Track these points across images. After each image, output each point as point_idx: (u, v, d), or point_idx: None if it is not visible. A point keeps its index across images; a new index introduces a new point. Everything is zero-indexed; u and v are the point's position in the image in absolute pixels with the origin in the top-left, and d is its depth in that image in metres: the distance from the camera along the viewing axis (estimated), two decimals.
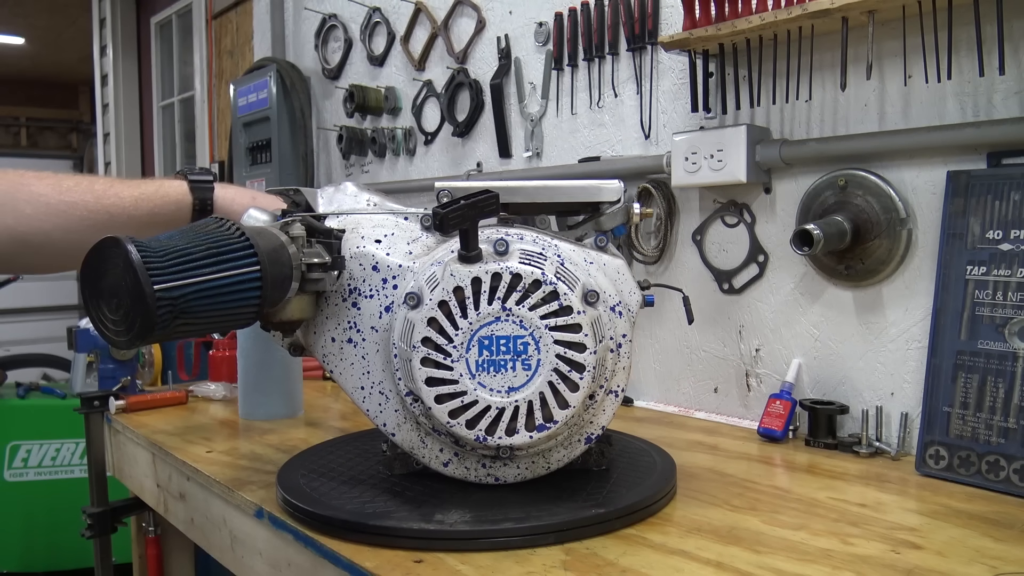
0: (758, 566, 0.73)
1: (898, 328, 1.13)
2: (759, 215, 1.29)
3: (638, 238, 1.47)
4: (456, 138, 1.88)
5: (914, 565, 0.73)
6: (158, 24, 3.67)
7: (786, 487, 0.96)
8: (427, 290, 0.79)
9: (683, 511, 0.87)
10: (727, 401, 1.35)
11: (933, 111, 1.08)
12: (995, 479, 0.94)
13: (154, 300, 0.64)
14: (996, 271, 0.98)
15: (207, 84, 3.19)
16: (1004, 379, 0.95)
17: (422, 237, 0.87)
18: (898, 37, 1.08)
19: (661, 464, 0.96)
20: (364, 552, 0.76)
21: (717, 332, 1.36)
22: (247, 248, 0.71)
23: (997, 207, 0.99)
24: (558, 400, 0.79)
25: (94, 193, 0.97)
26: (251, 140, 2.49)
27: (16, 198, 0.92)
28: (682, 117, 1.38)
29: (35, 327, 5.62)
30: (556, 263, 0.81)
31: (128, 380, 1.58)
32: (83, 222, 0.95)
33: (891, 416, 1.12)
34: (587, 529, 0.79)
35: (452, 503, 0.82)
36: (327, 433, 1.24)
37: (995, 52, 0.98)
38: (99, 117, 4.09)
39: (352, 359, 0.86)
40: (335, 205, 0.91)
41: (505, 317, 0.78)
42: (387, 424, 0.87)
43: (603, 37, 1.49)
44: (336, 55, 2.27)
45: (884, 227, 1.11)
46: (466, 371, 0.78)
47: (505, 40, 1.71)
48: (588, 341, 0.78)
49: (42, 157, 6.55)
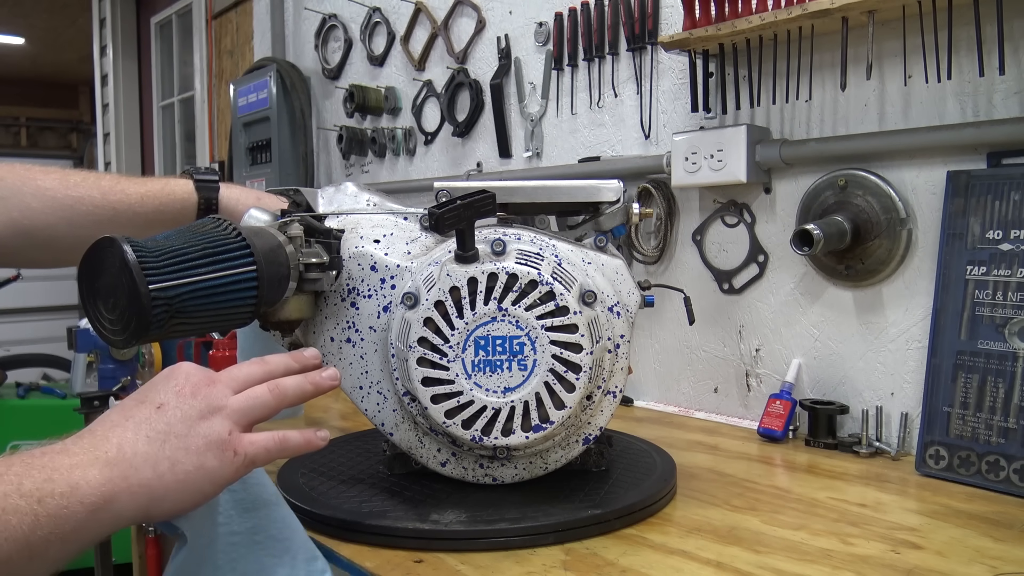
0: (758, 566, 0.73)
1: (898, 328, 1.12)
2: (759, 215, 1.29)
3: (638, 238, 1.46)
4: (456, 138, 1.87)
5: (914, 565, 0.73)
6: (158, 24, 3.67)
7: (786, 487, 0.96)
8: (424, 290, 0.79)
9: (683, 511, 0.87)
10: (727, 401, 1.34)
11: (933, 111, 1.07)
12: (995, 479, 0.94)
13: (149, 300, 0.64)
14: (996, 271, 0.97)
15: (207, 84, 3.19)
16: (1004, 379, 0.95)
17: (421, 237, 0.87)
18: (898, 37, 1.08)
19: (661, 464, 0.96)
20: (364, 552, 0.76)
21: (717, 332, 1.35)
22: (243, 248, 0.71)
23: (997, 207, 0.99)
24: (554, 401, 0.79)
25: (100, 189, 0.97)
26: (251, 140, 2.49)
27: (23, 192, 0.92)
28: (682, 117, 1.38)
29: (35, 327, 5.62)
30: (553, 263, 0.80)
31: (128, 380, 1.58)
32: (88, 217, 0.95)
33: (891, 416, 1.12)
34: (587, 529, 0.79)
35: (449, 503, 0.82)
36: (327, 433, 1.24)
37: (995, 52, 0.98)
38: (99, 117, 4.09)
39: (350, 359, 0.86)
40: (335, 205, 0.91)
41: (501, 317, 0.78)
42: (385, 424, 0.87)
43: (603, 37, 1.49)
44: (336, 55, 2.27)
45: (884, 227, 1.11)
46: (462, 371, 0.78)
47: (505, 40, 1.71)
48: (584, 342, 0.78)
49: (42, 157, 6.54)
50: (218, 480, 0.61)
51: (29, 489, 0.51)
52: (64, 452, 0.55)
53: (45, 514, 0.51)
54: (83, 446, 0.57)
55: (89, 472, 0.54)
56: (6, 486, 0.51)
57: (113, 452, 0.57)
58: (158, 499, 0.58)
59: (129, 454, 0.57)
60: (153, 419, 0.60)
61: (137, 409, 0.61)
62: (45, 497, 0.51)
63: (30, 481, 0.52)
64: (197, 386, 0.62)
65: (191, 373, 0.64)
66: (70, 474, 0.53)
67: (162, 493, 0.58)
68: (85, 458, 0.55)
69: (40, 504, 0.51)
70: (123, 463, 0.56)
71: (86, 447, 0.56)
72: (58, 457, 0.55)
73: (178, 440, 0.59)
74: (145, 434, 0.59)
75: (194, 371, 0.64)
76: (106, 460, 0.56)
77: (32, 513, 0.51)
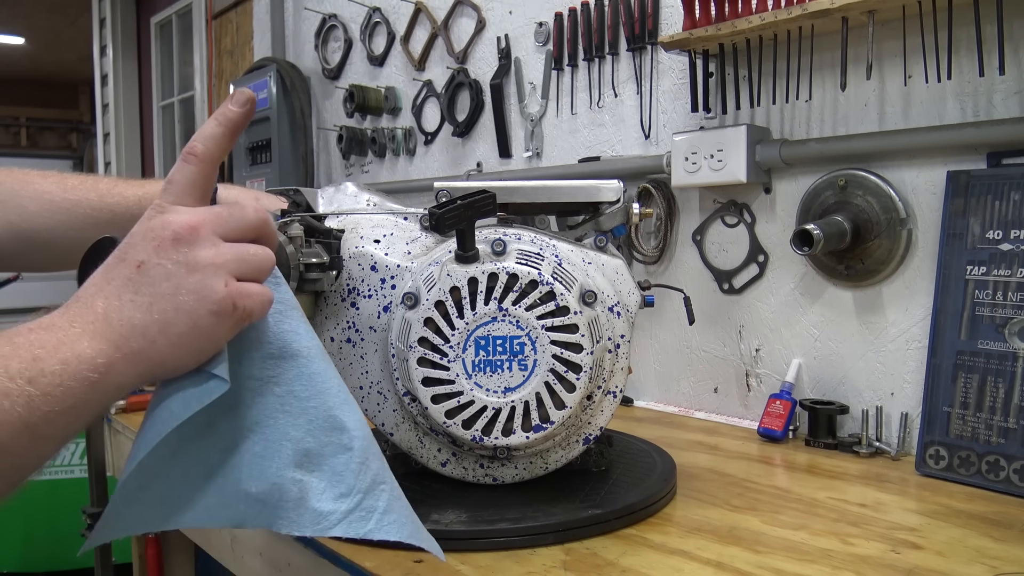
0: (758, 566, 0.73)
1: (898, 328, 1.12)
2: (759, 215, 1.29)
3: (638, 238, 1.46)
4: (456, 138, 1.88)
5: (914, 565, 0.73)
6: (158, 24, 3.66)
7: (786, 487, 0.96)
8: (424, 290, 0.79)
9: (683, 511, 0.87)
10: (727, 401, 1.34)
11: (933, 111, 1.08)
12: (995, 479, 0.94)
13: None
14: (996, 271, 0.97)
15: (207, 84, 3.19)
16: (1004, 379, 0.95)
17: (421, 237, 0.87)
18: (898, 37, 1.08)
19: (661, 464, 0.96)
20: (364, 552, 0.76)
21: (717, 332, 1.35)
22: None
23: (997, 207, 0.99)
24: (554, 400, 0.79)
25: (98, 192, 0.97)
26: (251, 140, 2.49)
27: (20, 195, 0.92)
28: (682, 117, 1.38)
29: None
30: (553, 263, 0.80)
31: None
32: (87, 220, 0.95)
33: (891, 416, 1.12)
34: (587, 529, 0.79)
35: (449, 503, 0.82)
36: None
37: (995, 52, 0.98)
38: (99, 117, 4.08)
39: (350, 359, 0.86)
40: (335, 205, 0.91)
41: (501, 317, 0.78)
42: (385, 424, 0.87)
43: (603, 37, 1.49)
44: (336, 55, 2.27)
45: (884, 227, 1.11)
46: (462, 371, 0.78)
47: (505, 40, 1.71)
48: (585, 342, 0.78)
49: (42, 157, 6.55)
50: (217, 338, 0.56)
51: (17, 370, 0.49)
52: (50, 327, 0.52)
53: (39, 394, 0.49)
54: (69, 317, 0.53)
55: (78, 346, 0.51)
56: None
57: (100, 322, 0.53)
58: (157, 364, 0.54)
59: (115, 321, 0.53)
60: (135, 279, 0.54)
61: (117, 268, 0.55)
62: (36, 377, 0.49)
63: (17, 361, 0.49)
64: (178, 233, 0.55)
65: (168, 220, 0.56)
66: (58, 351, 0.51)
67: (160, 358, 0.54)
68: (72, 332, 0.52)
69: (32, 384, 0.49)
70: (111, 331, 0.53)
71: (72, 318, 0.53)
72: (44, 334, 0.51)
73: (165, 301, 0.54)
74: (129, 298, 0.54)
75: (172, 216, 0.56)
76: (93, 331, 0.52)
77: (25, 395, 0.48)
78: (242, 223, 0.58)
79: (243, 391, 0.59)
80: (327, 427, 0.60)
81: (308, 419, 0.60)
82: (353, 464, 0.60)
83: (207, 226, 0.56)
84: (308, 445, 0.59)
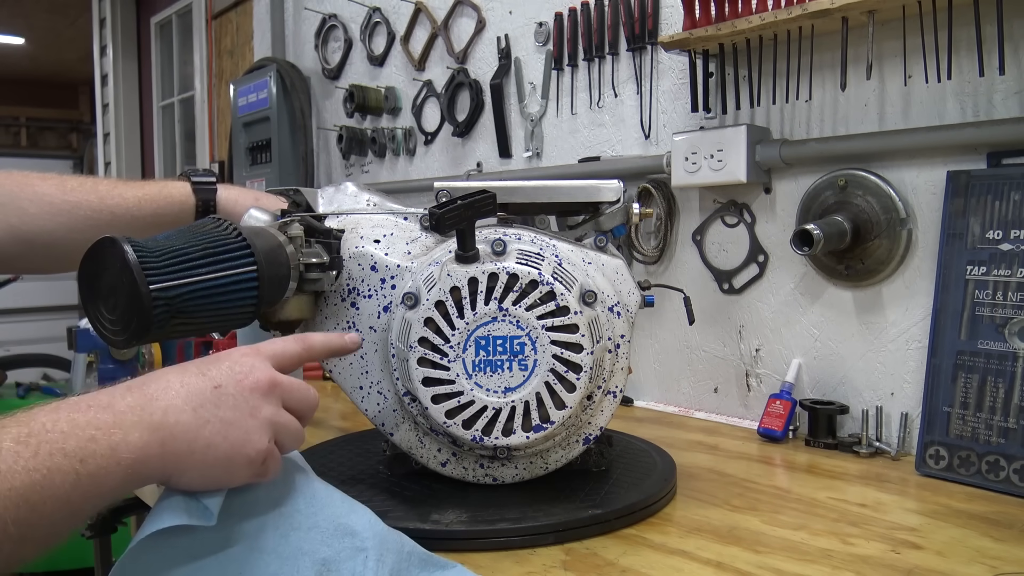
0: (758, 566, 0.73)
1: (898, 328, 1.12)
2: (759, 215, 1.29)
3: (638, 238, 1.46)
4: (456, 138, 1.88)
5: (914, 565, 0.73)
6: (158, 24, 3.66)
7: (786, 487, 0.96)
8: (424, 290, 0.79)
9: (683, 511, 0.87)
10: (727, 401, 1.34)
11: (933, 111, 1.08)
12: (995, 479, 0.94)
13: (150, 300, 0.64)
14: (996, 271, 0.97)
15: (207, 84, 3.19)
16: (1004, 379, 0.95)
17: (421, 237, 0.87)
18: (898, 37, 1.08)
19: (661, 464, 0.96)
20: None
21: (717, 332, 1.35)
22: (244, 248, 0.71)
23: (997, 207, 0.99)
24: (555, 400, 0.79)
25: (98, 193, 0.97)
26: (251, 140, 2.49)
27: (20, 197, 0.92)
28: (682, 117, 1.38)
29: (35, 327, 5.62)
30: (554, 263, 0.80)
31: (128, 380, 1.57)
32: (86, 222, 0.95)
33: (891, 416, 1.12)
34: (587, 529, 0.79)
35: (450, 503, 0.82)
36: (327, 433, 1.24)
37: (995, 52, 0.98)
38: (99, 117, 4.08)
39: (351, 359, 0.86)
40: (335, 205, 0.91)
41: (502, 317, 0.78)
42: (385, 424, 0.87)
43: (603, 37, 1.49)
44: (336, 55, 2.27)
45: (884, 227, 1.11)
46: (463, 371, 0.78)
47: (505, 40, 1.71)
48: (585, 342, 0.78)
49: (42, 157, 6.54)
50: (234, 478, 0.60)
51: (72, 449, 0.51)
52: (110, 409, 0.55)
53: (86, 473, 0.51)
54: (129, 403, 0.56)
55: (131, 434, 0.54)
56: (51, 445, 0.51)
57: (158, 417, 0.56)
58: (181, 472, 0.57)
59: (172, 422, 0.56)
60: (207, 394, 0.59)
61: (195, 379, 0.60)
62: (87, 458, 0.52)
63: (74, 440, 0.52)
64: (259, 382, 0.62)
65: (256, 366, 0.63)
66: (111, 435, 0.53)
67: (187, 468, 0.57)
68: (129, 419, 0.55)
69: (82, 464, 0.51)
70: (164, 430, 0.56)
71: (132, 406, 0.56)
72: (102, 414, 0.54)
73: (222, 425, 0.58)
74: (193, 407, 0.58)
75: (260, 365, 0.63)
76: (150, 424, 0.55)
77: (74, 472, 0.51)
78: (303, 402, 0.66)
79: (250, 517, 0.62)
80: (339, 534, 0.64)
81: (319, 531, 0.64)
82: (371, 563, 0.64)
83: (280, 390, 0.63)
84: (324, 554, 0.63)
